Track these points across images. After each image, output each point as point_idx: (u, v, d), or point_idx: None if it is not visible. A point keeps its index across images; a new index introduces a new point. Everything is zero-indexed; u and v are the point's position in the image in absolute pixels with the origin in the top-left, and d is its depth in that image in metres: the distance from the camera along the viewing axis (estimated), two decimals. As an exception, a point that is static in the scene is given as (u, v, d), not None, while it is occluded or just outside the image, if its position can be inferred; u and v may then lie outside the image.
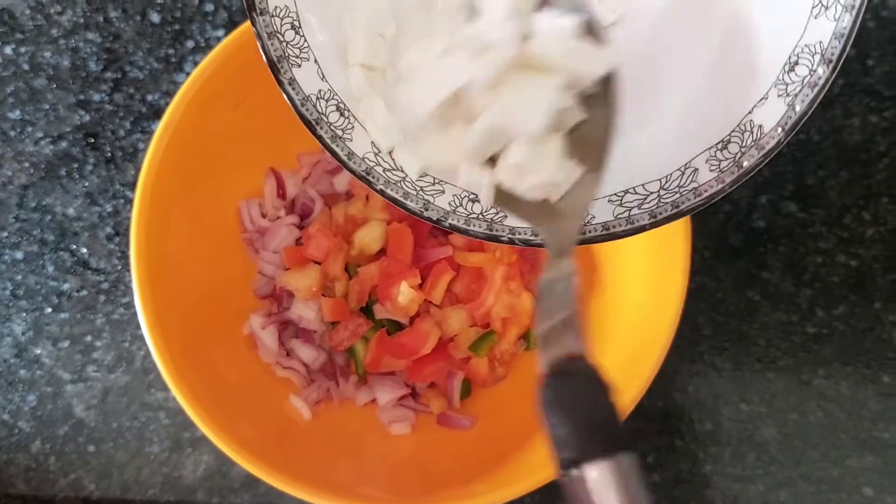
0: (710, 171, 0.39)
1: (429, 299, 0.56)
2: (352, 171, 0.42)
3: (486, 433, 0.55)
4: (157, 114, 0.62)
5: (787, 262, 0.60)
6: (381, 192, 0.42)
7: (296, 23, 0.40)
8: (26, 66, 0.62)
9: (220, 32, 0.61)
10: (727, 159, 0.39)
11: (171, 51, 0.61)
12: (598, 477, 0.27)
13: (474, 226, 0.42)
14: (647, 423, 0.60)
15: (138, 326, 0.48)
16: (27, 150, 0.62)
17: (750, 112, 0.38)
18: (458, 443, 0.55)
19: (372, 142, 0.43)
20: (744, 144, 0.38)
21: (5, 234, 0.63)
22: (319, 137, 0.41)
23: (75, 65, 0.62)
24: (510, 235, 0.42)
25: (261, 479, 0.46)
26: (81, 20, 0.62)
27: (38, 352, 0.62)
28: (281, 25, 0.40)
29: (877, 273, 0.60)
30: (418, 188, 0.44)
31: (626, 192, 0.41)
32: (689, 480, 0.60)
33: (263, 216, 0.57)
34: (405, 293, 0.54)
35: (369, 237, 0.56)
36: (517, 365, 0.58)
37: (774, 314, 0.60)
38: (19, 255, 0.63)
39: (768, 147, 0.37)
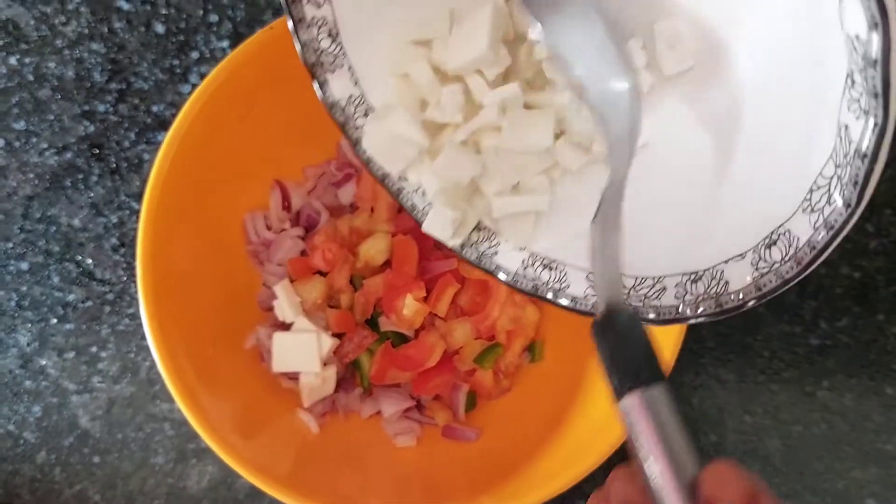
0: (675, 297, 0.38)
1: (434, 312, 0.56)
2: (373, 175, 0.45)
3: (492, 446, 0.55)
4: (161, 125, 0.62)
5: (791, 274, 0.60)
6: (395, 197, 0.45)
7: (333, 30, 0.41)
8: (31, 77, 0.62)
9: (225, 43, 0.61)
10: (692, 294, 0.37)
11: (176, 62, 0.62)
12: (634, 406, 0.29)
13: (467, 253, 0.45)
14: (651, 434, 0.60)
15: (143, 337, 0.48)
16: (32, 160, 0.62)
17: (725, 262, 0.36)
18: (464, 455, 0.55)
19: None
20: (708, 288, 0.37)
21: (10, 244, 0.63)
22: (349, 138, 0.44)
23: (80, 75, 0.62)
24: (494, 271, 0.45)
25: (265, 492, 0.47)
26: (86, 31, 0.62)
27: (44, 363, 0.62)
28: (318, 34, 0.41)
29: (880, 285, 0.60)
30: (426, 202, 0.45)
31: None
32: (693, 492, 0.60)
33: (268, 228, 0.58)
34: (410, 305, 0.54)
35: (374, 249, 0.56)
36: (522, 377, 0.58)
37: (778, 326, 0.60)
38: (24, 265, 0.63)
39: (726, 306, 0.35)
